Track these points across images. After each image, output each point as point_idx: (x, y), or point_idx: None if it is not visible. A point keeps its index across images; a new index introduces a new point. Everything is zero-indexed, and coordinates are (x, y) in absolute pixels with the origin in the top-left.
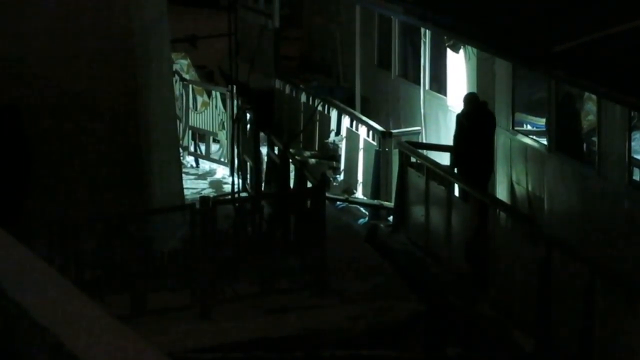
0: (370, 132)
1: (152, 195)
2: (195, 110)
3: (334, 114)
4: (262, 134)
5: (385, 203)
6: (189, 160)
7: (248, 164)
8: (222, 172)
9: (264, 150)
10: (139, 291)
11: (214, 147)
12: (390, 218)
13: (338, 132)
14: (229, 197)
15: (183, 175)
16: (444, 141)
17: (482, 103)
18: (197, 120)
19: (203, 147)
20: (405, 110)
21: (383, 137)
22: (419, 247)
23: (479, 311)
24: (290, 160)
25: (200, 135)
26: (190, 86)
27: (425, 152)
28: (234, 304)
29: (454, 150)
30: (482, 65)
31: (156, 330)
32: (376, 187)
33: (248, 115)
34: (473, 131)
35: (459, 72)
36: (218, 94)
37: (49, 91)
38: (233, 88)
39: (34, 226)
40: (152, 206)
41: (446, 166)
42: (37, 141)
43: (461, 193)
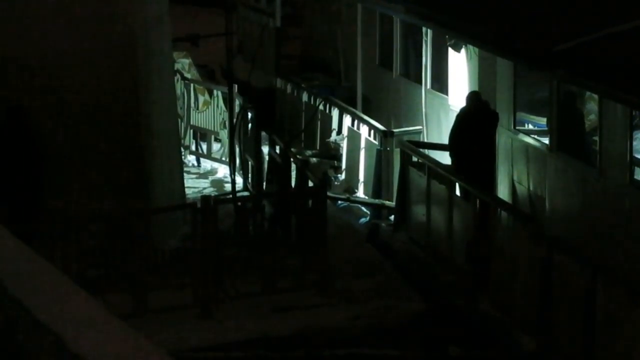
0: (372, 132)
1: (154, 194)
2: (197, 109)
3: (335, 113)
4: (263, 133)
5: (387, 202)
6: (191, 159)
7: (249, 163)
8: (223, 171)
9: (265, 149)
10: (141, 290)
11: (215, 146)
12: (392, 217)
13: (339, 132)
14: (230, 196)
15: (184, 174)
16: (445, 140)
17: (484, 102)
18: (199, 119)
19: (204, 146)
20: (407, 109)
21: (384, 137)
22: (420, 247)
23: (480, 311)
24: (292, 160)
25: (202, 134)
26: (191, 85)
27: (426, 152)
28: (235, 303)
29: (452, 148)
30: (483, 65)
31: (157, 329)
32: (377, 186)
33: (250, 114)
34: (475, 130)
35: (461, 71)
36: (219, 93)
37: (49, 91)
38: (232, 87)
39: (36, 224)
40: (154, 205)
41: (447, 165)
42: (38, 141)
43: (462, 192)
